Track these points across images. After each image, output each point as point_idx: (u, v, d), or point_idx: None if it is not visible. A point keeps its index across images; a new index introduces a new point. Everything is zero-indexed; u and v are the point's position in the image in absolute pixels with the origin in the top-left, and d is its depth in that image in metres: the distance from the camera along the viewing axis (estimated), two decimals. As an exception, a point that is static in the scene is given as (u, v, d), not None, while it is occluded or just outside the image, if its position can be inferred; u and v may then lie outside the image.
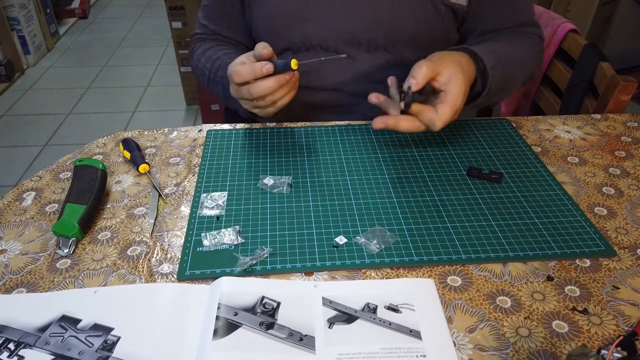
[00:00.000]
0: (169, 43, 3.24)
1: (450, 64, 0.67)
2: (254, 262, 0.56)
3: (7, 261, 0.58)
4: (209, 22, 0.94)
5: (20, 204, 0.66)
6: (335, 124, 0.83)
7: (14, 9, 2.81)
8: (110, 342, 0.48)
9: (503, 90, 0.82)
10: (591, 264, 0.57)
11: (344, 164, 0.73)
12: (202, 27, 0.96)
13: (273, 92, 0.68)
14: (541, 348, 0.48)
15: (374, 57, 0.85)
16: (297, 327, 0.49)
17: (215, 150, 0.76)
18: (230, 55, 0.84)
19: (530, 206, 0.65)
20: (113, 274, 0.56)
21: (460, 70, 0.67)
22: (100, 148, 0.78)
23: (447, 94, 0.66)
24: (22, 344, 0.48)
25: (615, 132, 0.82)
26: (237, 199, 0.66)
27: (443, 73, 0.66)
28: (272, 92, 0.68)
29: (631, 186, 0.69)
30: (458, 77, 0.66)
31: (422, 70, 0.64)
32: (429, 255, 0.57)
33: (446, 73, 0.66)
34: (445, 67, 0.66)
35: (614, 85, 0.91)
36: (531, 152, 0.76)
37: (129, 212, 0.65)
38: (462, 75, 0.67)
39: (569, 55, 1.06)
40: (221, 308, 0.50)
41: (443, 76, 0.66)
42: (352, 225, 0.62)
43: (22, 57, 2.93)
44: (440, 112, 0.65)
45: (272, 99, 0.69)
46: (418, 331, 0.49)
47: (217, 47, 0.90)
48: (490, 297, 0.53)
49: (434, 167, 0.72)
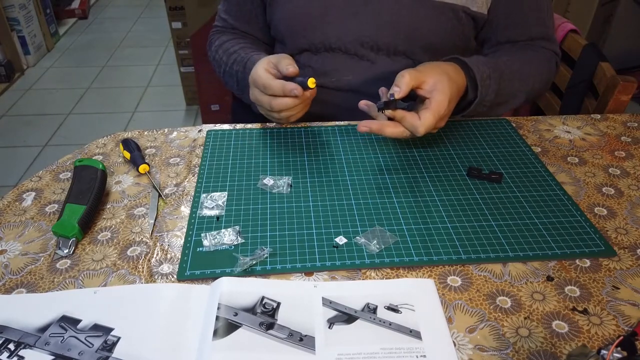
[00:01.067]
0: (169, 43, 3.24)
1: (435, 72, 0.68)
2: (254, 262, 0.56)
3: (7, 261, 0.58)
4: (229, 16, 0.95)
5: (20, 204, 0.66)
6: (335, 124, 0.83)
7: (14, 9, 2.81)
8: (110, 343, 0.48)
9: (501, 104, 0.83)
10: (591, 264, 0.57)
11: (344, 164, 0.73)
12: (222, 20, 0.97)
13: (292, 108, 0.73)
14: (541, 348, 0.48)
15: (394, 61, 0.85)
16: (297, 328, 0.49)
17: (215, 150, 0.76)
18: (247, 50, 0.87)
19: (530, 206, 0.65)
20: (113, 274, 0.56)
21: (446, 78, 0.68)
22: (100, 148, 0.78)
23: (431, 101, 0.67)
24: (22, 344, 0.48)
25: (615, 132, 0.82)
26: (237, 199, 0.66)
27: (427, 81, 0.67)
28: (291, 108, 0.73)
29: (631, 186, 0.69)
30: (443, 84, 0.67)
31: (405, 78, 0.66)
32: (429, 256, 0.57)
33: (431, 81, 0.67)
34: (430, 76, 0.68)
35: (613, 85, 0.91)
36: (531, 152, 0.76)
37: (129, 212, 0.65)
38: (447, 83, 0.68)
39: (569, 56, 1.06)
40: (221, 308, 0.50)
41: (428, 84, 0.67)
42: (352, 225, 0.62)
43: (22, 57, 2.93)
44: (422, 118, 0.66)
45: (288, 114, 0.74)
46: (418, 331, 0.49)
47: (235, 41, 0.91)
48: (490, 297, 0.53)
49: (434, 167, 0.72)
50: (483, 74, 0.76)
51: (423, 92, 0.68)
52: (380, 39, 0.83)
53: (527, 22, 0.87)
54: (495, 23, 0.87)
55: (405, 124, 0.67)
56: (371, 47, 0.84)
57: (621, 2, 2.34)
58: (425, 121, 0.66)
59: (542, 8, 0.87)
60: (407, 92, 0.66)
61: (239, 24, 0.95)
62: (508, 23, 0.86)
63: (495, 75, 0.78)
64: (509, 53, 0.85)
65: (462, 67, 0.74)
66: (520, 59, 0.84)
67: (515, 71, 0.82)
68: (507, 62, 0.81)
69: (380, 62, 0.86)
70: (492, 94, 0.78)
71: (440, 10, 0.81)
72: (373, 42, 0.84)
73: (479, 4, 0.82)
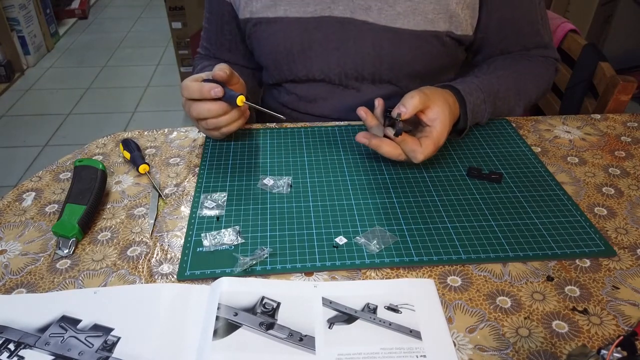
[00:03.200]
0: (169, 43, 3.24)
1: (439, 101, 0.68)
2: (254, 262, 0.56)
3: (7, 261, 0.58)
4: (210, 45, 0.94)
5: (20, 205, 0.66)
6: (335, 124, 0.83)
7: (13, 9, 2.81)
8: (110, 343, 0.48)
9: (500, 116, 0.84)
10: (591, 264, 0.57)
11: (344, 164, 0.73)
12: (204, 48, 0.96)
13: (216, 116, 0.69)
14: (541, 348, 0.48)
15: (379, 88, 0.85)
16: (297, 328, 0.49)
17: (215, 150, 0.76)
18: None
19: (530, 206, 0.65)
20: (113, 274, 0.56)
21: (448, 110, 0.68)
22: (100, 148, 0.78)
23: (433, 130, 0.67)
24: (22, 345, 0.48)
25: (615, 132, 0.82)
26: (237, 199, 0.66)
27: (432, 108, 0.67)
28: (215, 116, 0.69)
29: (631, 186, 0.69)
30: (445, 116, 0.67)
31: (414, 100, 0.64)
32: (429, 256, 0.57)
33: (435, 109, 0.67)
34: (435, 104, 0.67)
35: (613, 85, 0.92)
36: (531, 152, 0.76)
37: (129, 212, 0.65)
38: (448, 115, 0.68)
39: (569, 56, 1.06)
40: (221, 308, 0.50)
41: (432, 111, 0.67)
42: (352, 225, 0.62)
43: (22, 57, 2.93)
44: (424, 145, 0.66)
45: (215, 123, 0.70)
46: (418, 331, 0.49)
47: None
48: (490, 297, 0.53)
49: (434, 167, 0.72)
50: (477, 99, 0.76)
51: (425, 119, 0.67)
52: (364, 70, 0.82)
53: (520, 33, 0.86)
54: (489, 40, 0.86)
55: (405, 147, 0.66)
56: (355, 77, 0.84)
57: (621, 2, 2.34)
58: (426, 149, 0.66)
59: (534, 18, 0.85)
60: (413, 114, 0.65)
61: (220, 52, 0.93)
62: (501, 37, 0.85)
63: (490, 98, 0.78)
64: (504, 66, 0.84)
65: (456, 95, 0.74)
66: (515, 72, 0.84)
67: (510, 87, 0.82)
68: (501, 79, 0.81)
69: (365, 89, 0.85)
70: (487, 116, 0.79)
71: (423, 39, 0.79)
72: (357, 73, 0.83)
73: (464, 27, 0.81)
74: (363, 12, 0.79)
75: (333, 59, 0.82)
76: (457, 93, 0.74)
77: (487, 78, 0.80)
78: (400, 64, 0.81)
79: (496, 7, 0.81)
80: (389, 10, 0.78)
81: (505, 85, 0.81)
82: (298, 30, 0.81)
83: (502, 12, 0.82)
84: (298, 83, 0.87)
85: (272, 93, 0.95)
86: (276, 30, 0.81)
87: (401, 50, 0.80)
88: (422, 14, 0.78)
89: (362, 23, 0.79)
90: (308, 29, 0.80)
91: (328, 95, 0.87)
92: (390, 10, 0.78)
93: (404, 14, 0.78)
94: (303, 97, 0.88)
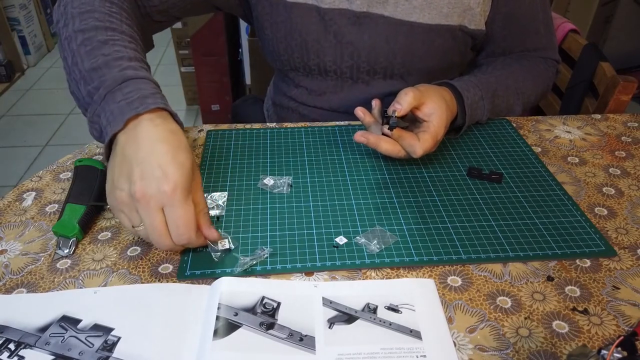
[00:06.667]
0: (169, 43, 3.24)
1: (435, 96, 0.68)
2: (254, 262, 0.56)
3: (7, 261, 0.58)
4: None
5: (20, 204, 0.66)
6: (336, 124, 0.83)
7: (14, 9, 2.81)
8: (110, 343, 0.48)
9: (499, 115, 0.84)
10: (591, 264, 0.57)
11: (344, 164, 0.73)
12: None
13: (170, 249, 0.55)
14: (541, 348, 0.48)
15: (389, 84, 0.85)
16: (297, 328, 0.49)
17: (215, 150, 0.76)
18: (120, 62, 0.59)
19: (530, 206, 0.65)
20: (113, 274, 0.56)
21: (445, 106, 0.68)
22: (101, 148, 0.78)
23: (430, 125, 0.67)
24: (22, 344, 0.48)
25: (615, 132, 0.82)
26: (237, 199, 0.66)
27: (428, 104, 0.67)
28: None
29: (631, 186, 0.69)
30: (442, 110, 0.67)
31: (408, 97, 0.65)
32: (429, 256, 0.57)
33: (431, 105, 0.67)
34: (430, 99, 0.67)
35: (614, 85, 0.92)
36: (531, 152, 0.76)
37: (129, 212, 0.65)
38: (445, 110, 0.68)
39: (569, 56, 1.06)
40: (221, 308, 0.50)
41: (427, 107, 0.67)
42: (352, 225, 0.62)
43: (23, 57, 2.93)
44: (422, 140, 0.66)
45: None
46: (418, 331, 0.49)
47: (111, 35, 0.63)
48: (491, 297, 0.53)
49: (434, 167, 0.72)
50: (475, 96, 0.76)
51: (421, 115, 0.68)
52: (377, 64, 0.83)
53: (524, 32, 0.86)
54: (492, 35, 0.86)
55: (403, 143, 0.67)
56: (367, 71, 0.84)
57: (621, 2, 2.34)
58: (425, 144, 0.66)
59: (538, 18, 0.86)
60: (408, 110, 0.66)
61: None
62: (505, 34, 0.86)
63: (488, 95, 0.78)
64: (504, 66, 0.85)
65: (453, 92, 0.74)
66: (514, 72, 0.84)
67: (509, 86, 0.82)
68: (499, 77, 0.82)
69: (375, 84, 0.85)
70: (486, 113, 0.79)
71: (436, 32, 0.80)
72: (370, 66, 0.83)
73: (477, 21, 0.82)
74: (380, 6, 0.79)
75: (347, 52, 0.82)
76: (454, 90, 0.75)
77: (485, 77, 0.80)
78: (413, 59, 0.82)
79: (504, 1, 0.82)
80: (405, 4, 0.79)
81: (504, 83, 0.81)
82: (315, 18, 0.81)
83: (510, 7, 0.83)
84: (307, 75, 0.87)
85: (281, 87, 0.95)
86: (293, 15, 0.81)
87: (415, 45, 0.80)
88: (437, 8, 0.79)
89: (379, 17, 0.80)
90: (325, 19, 0.81)
91: (337, 88, 0.87)
92: (407, 4, 0.79)
93: (420, 7, 0.79)
94: (312, 90, 0.88)
